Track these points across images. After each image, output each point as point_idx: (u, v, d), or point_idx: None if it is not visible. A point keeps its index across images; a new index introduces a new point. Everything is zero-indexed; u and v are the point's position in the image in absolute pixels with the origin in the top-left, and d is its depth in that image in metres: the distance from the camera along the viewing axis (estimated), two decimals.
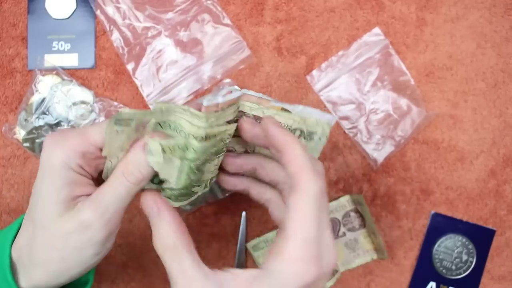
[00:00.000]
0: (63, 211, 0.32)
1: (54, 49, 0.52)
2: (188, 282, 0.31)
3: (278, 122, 0.34)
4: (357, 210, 0.52)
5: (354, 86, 0.53)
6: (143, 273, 0.52)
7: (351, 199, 0.52)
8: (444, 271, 0.53)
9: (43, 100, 0.51)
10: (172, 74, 0.52)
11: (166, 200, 0.35)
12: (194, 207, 0.51)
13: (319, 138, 0.36)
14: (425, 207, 0.53)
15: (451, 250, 0.53)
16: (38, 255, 0.33)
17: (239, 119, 0.35)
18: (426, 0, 0.53)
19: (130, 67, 0.52)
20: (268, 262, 0.30)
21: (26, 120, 0.51)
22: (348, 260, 0.52)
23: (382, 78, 0.53)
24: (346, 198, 0.52)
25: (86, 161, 0.33)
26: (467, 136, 0.53)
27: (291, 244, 0.30)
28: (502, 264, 0.53)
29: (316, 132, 0.35)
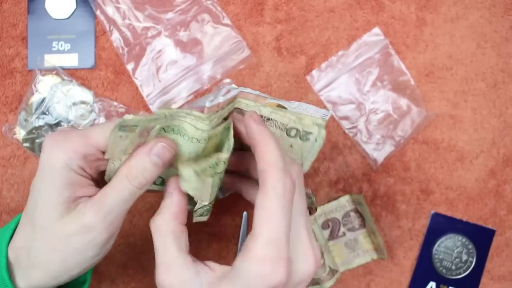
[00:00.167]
0: (64, 212, 0.32)
1: (54, 49, 0.52)
2: (168, 265, 0.32)
3: (261, 117, 0.34)
4: (357, 210, 0.52)
5: (354, 86, 0.53)
6: (143, 273, 0.52)
7: (351, 199, 0.52)
8: (444, 271, 0.53)
9: (43, 100, 0.51)
10: (172, 74, 0.52)
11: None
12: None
13: (315, 139, 0.36)
14: (425, 207, 0.53)
15: (451, 250, 0.53)
16: (38, 256, 0.33)
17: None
18: (426, 0, 0.53)
19: (130, 67, 0.52)
20: (237, 260, 0.30)
21: (26, 120, 0.51)
22: (348, 260, 0.52)
23: (382, 78, 0.53)
24: (346, 198, 0.52)
25: (87, 162, 0.33)
26: (467, 136, 0.53)
27: (258, 243, 0.29)
28: (502, 264, 0.53)
29: (312, 132, 0.35)
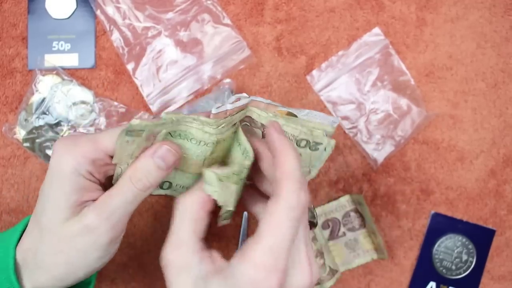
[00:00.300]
0: (70, 216, 0.33)
1: (54, 49, 0.52)
2: (178, 243, 0.32)
3: (282, 130, 0.34)
4: (357, 210, 0.52)
5: (354, 86, 0.53)
6: (143, 273, 0.52)
7: (351, 199, 0.52)
8: (444, 271, 0.53)
9: (43, 100, 0.51)
10: (172, 74, 0.52)
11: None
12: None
13: (324, 149, 0.36)
14: (425, 207, 0.53)
15: (451, 250, 0.53)
16: (44, 258, 0.33)
17: (246, 122, 0.36)
18: (426, 0, 0.53)
19: (130, 67, 0.52)
20: (234, 260, 0.30)
21: (26, 120, 0.51)
22: (348, 260, 0.52)
23: (382, 78, 0.53)
24: (346, 198, 0.52)
25: (95, 167, 0.33)
26: (467, 136, 0.53)
27: (259, 248, 0.29)
28: (502, 264, 0.53)
29: (322, 143, 0.36)
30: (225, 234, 0.52)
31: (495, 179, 0.53)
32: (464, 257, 0.53)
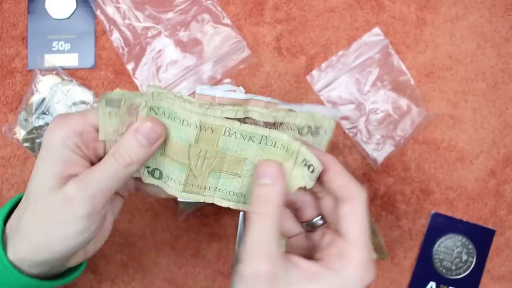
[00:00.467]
0: (55, 186, 0.33)
1: (54, 49, 0.52)
2: (267, 253, 0.32)
3: (274, 123, 0.34)
4: None
5: (354, 86, 0.53)
6: (143, 273, 0.52)
7: None
8: (444, 271, 0.53)
9: (43, 100, 0.51)
10: (172, 74, 0.52)
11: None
12: (194, 207, 0.52)
13: (325, 132, 0.36)
14: (425, 207, 0.53)
15: (451, 250, 0.53)
16: (25, 227, 0.34)
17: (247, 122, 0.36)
18: (426, 0, 0.53)
19: (130, 67, 0.52)
20: (332, 264, 0.33)
21: (26, 120, 0.51)
22: None
23: (382, 78, 0.53)
24: None
25: (83, 141, 0.34)
26: (467, 136, 0.53)
27: (356, 249, 0.33)
28: (502, 264, 0.53)
29: (322, 126, 0.36)
30: (225, 234, 0.52)
31: (495, 179, 0.53)
32: (464, 257, 0.53)
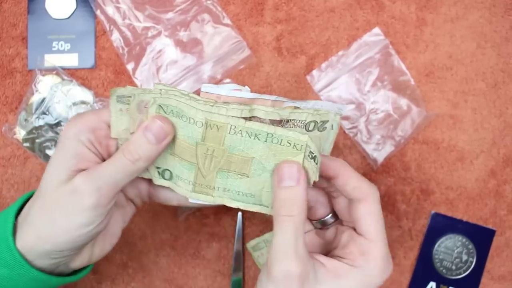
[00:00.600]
0: (65, 180, 0.35)
1: (54, 49, 0.52)
2: (297, 253, 0.32)
3: (280, 121, 0.34)
4: None
5: (354, 86, 0.53)
6: (143, 273, 0.52)
7: None
8: (444, 271, 0.53)
9: (43, 100, 0.51)
10: (172, 74, 0.52)
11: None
12: (194, 207, 0.52)
13: (331, 126, 0.37)
14: (425, 207, 0.53)
15: (451, 250, 0.53)
16: (32, 217, 0.35)
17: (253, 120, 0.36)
18: (426, 0, 0.53)
19: (130, 67, 0.52)
20: (356, 261, 0.35)
21: (26, 120, 0.51)
22: None
23: (382, 78, 0.53)
24: None
25: (96, 137, 0.36)
26: (467, 136, 0.53)
27: (377, 245, 0.35)
28: (502, 264, 0.53)
29: (328, 120, 0.36)
30: (225, 234, 0.52)
31: (495, 179, 0.53)
32: (464, 257, 0.53)
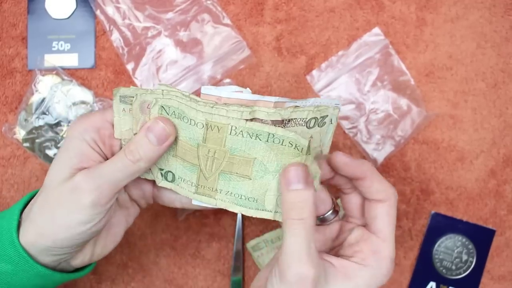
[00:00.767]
0: (67, 177, 0.35)
1: (54, 49, 0.52)
2: (310, 256, 0.33)
3: (282, 121, 0.34)
4: None
5: (354, 86, 0.53)
6: (143, 273, 0.52)
7: None
8: (444, 271, 0.53)
9: (43, 100, 0.51)
10: (172, 74, 0.52)
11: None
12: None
13: (331, 120, 0.37)
14: (425, 207, 0.53)
15: (451, 250, 0.53)
16: (34, 213, 0.36)
17: (255, 121, 0.36)
18: (426, 0, 0.53)
19: (130, 67, 0.52)
20: (367, 260, 0.36)
21: (26, 120, 0.51)
22: None
23: (382, 78, 0.53)
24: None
25: (100, 137, 0.37)
26: (467, 136, 0.53)
27: (389, 246, 0.36)
28: (502, 264, 0.53)
29: (328, 115, 0.36)
30: (225, 234, 0.52)
31: (495, 179, 0.53)
32: (464, 257, 0.53)
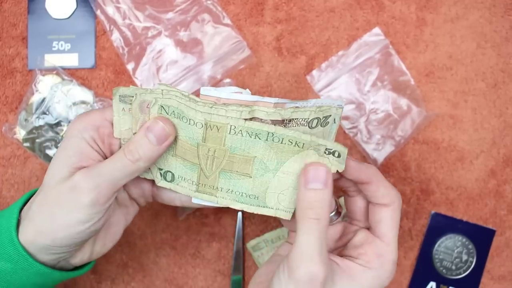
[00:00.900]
0: (66, 176, 0.35)
1: (54, 49, 0.52)
2: (321, 256, 0.33)
3: (283, 121, 0.35)
4: None
5: (354, 86, 0.53)
6: (143, 273, 0.52)
7: None
8: (444, 271, 0.53)
9: (43, 100, 0.51)
10: (172, 74, 0.52)
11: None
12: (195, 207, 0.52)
13: (334, 120, 0.37)
14: (425, 207, 0.53)
15: (451, 250, 0.53)
16: (33, 211, 0.36)
17: (257, 120, 0.36)
18: (426, 0, 0.53)
19: (130, 67, 0.52)
20: (371, 263, 0.36)
21: (26, 120, 0.51)
22: None
23: (382, 78, 0.53)
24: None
25: (100, 135, 0.36)
26: (467, 136, 0.53)
27: (392, 250, 0.36)
28: (502, 264, 0.53)
29: (331, 115, 0.36)
30: (225, 234, 0.52)
31: (495, 179, 0.53)
32: (464, 257, 0.53)
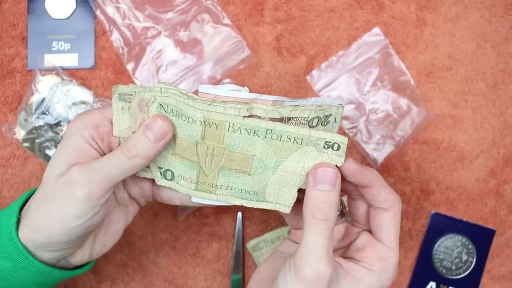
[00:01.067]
0: (63, 172, 0.35)
1: (54, 49, 0.52)
2: (328, 255, 0.33)
3: (282, 119, 0.34)
4: None
5: (354, 86, 0.53)
6: (143, 273, 0.52)
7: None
8: (444, 271, 0.53)
9: (43, 100, 0.51)
10: (172, 74, 0.52)
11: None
12: (195, 207, 0.51)
13: (335, 119, 0.37)
14: (425, 207, 0.53)
15: (451, 250, 0.53)
16: (32, 208, 0.36)
17: (255, 118, 0.36)
18: (426, 0, 0.53)
19: (130, 67, 0.52)
20: (374, 266, 0.37)
21: (26, 120, 0.51)
22: None
23: (382, 78, 0.53)
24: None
25: (99, 134, 0.37)
26: (467, 136, 0.53)
27: (394, 253, 0.37)
28: (502, 264, 0.53)
29: (331, 114, 0.36)
30: (225, 234, 0.52)
31: (495, 179, 0.53)
32: (464, 257, 0.53)
